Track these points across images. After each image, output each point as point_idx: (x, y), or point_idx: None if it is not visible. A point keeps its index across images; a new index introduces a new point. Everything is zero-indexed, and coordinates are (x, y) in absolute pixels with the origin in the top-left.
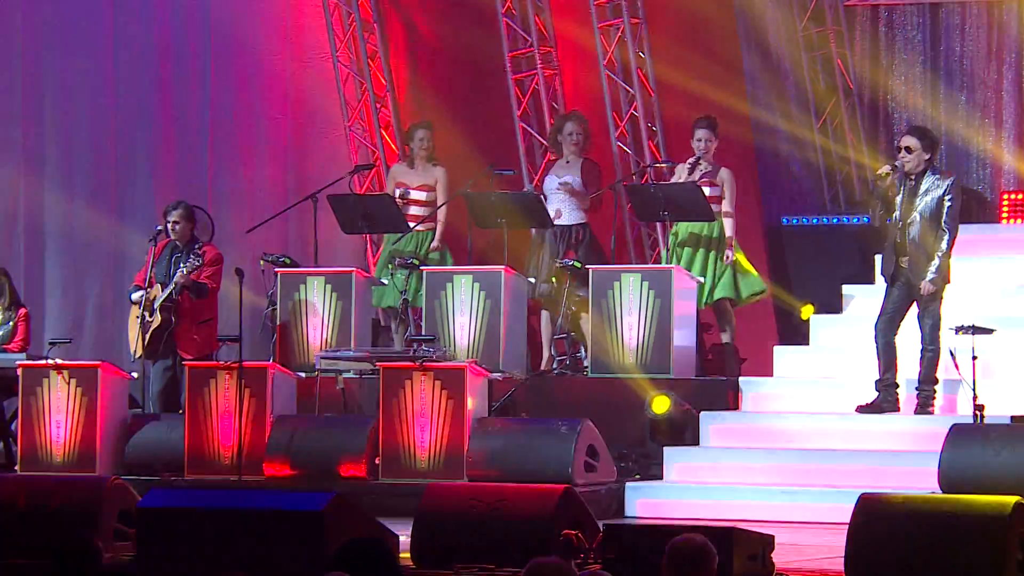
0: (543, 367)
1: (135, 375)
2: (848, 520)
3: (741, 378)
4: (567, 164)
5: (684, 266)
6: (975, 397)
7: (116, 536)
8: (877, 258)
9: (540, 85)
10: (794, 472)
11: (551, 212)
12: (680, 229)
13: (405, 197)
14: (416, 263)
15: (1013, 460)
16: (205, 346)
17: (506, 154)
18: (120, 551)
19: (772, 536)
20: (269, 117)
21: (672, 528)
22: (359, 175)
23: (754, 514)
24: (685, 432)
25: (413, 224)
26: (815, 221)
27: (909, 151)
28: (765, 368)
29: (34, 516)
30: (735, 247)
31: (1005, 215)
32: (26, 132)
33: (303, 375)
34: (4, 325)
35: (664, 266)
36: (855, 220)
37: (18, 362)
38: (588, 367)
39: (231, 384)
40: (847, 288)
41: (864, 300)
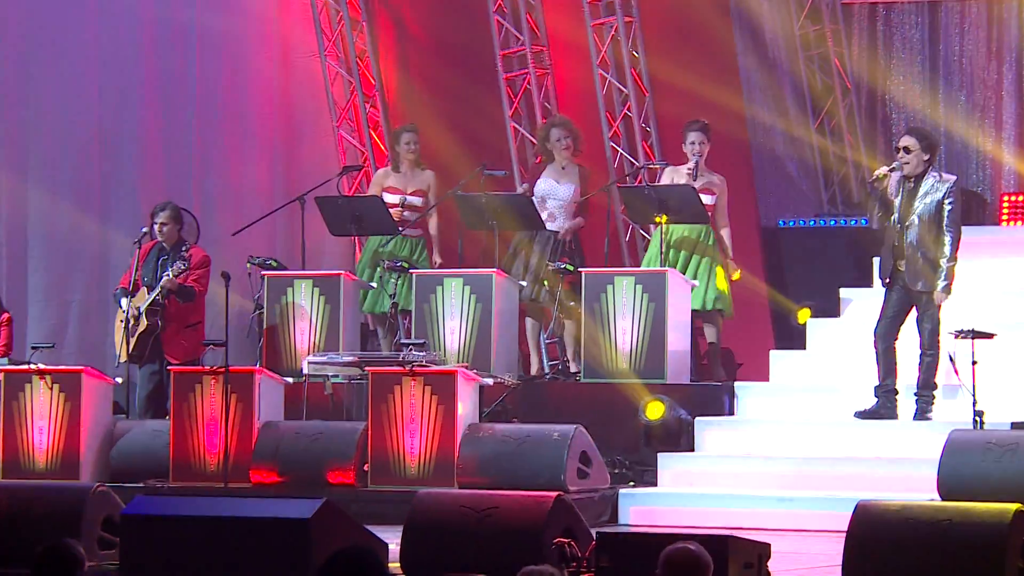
0: (534, 372)
1: (119, 380)
2: (846, 528)
3: (737, 383)
4: (563, 170)
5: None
6: (975, 403)
7: (100, 544)
8: (875, 261)
9: (532, 84)
10: (791, 479)
11: (544, 216)
12: (672, 231)
13: (404, 204)
14: (406, 267)
15: (1013, 467)
16: (192, 350)
17: (497, 155)
18: (104, 559)
19: (768, 544)
20: (256, 117)
21: (666, 536)
22: (347, 176)
23: (750, 522)
24: (680, 438)
25: (402, 228)
26: (812, 223)
27: (908, 152)
28: (761, 373)
29: (16, 524)
30: (724, 261)
31: (1005, 217)
32: (8, 132)
33: (291, 380)
34: None
35: (658, 269)
36: (853, 222)
37: (0, 367)
38: (579, 372)
39: (217, 389)
40: (845, 292)
41: (862, 304)
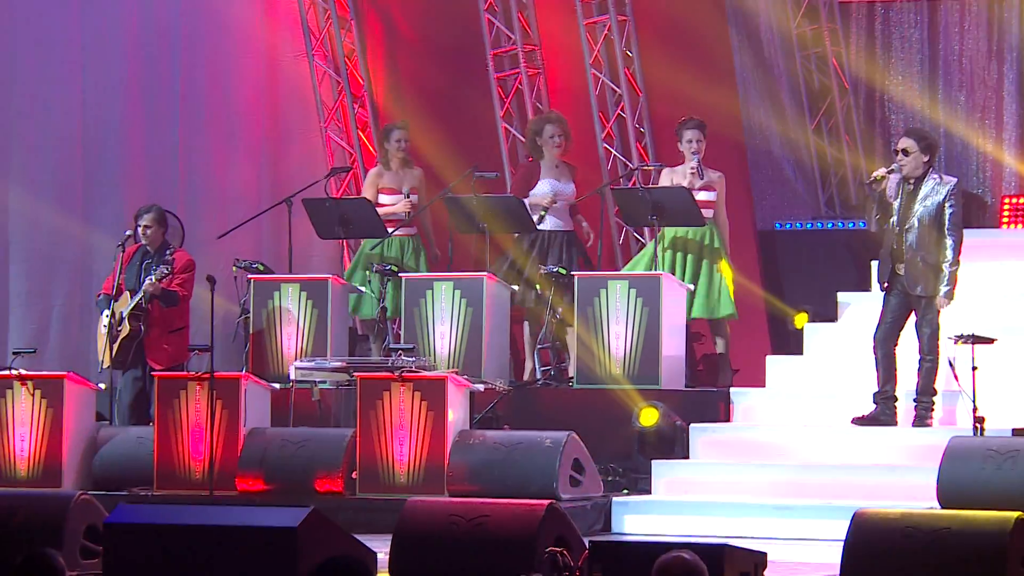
0: (526, 378)
1: (102, 386)
2: (843, 537)
3: (732, 389)
4: (556, 169)
5: (674, 273)
6: (975, 409)
7: (83, 554)
8: (874, 264)
9: (524, 84)
10: (787, 487)
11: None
12: (668, 234)
13: (410, 203)
14: (395, 270)
15: (1014, 475)
16: (176, 356)
17: (488, 156)
18: (87, 569)
19: (765, 553)
20: (242, 118)
21: (661, 545)
22: (336, 178)
23: (746, 530)
24: (674, 445)
25: (392, 230)
26: (809, 226)
27: (906, 153)
28: (757, 379)
29: None
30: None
31: (1006, 220)
32: None
33: (277, 386)
34: None
35: (652, 273)
36: (851, 225)
37: None
38: (574, 378)
39: (202, 395)
40: (843, 296)
41: (860, 308)
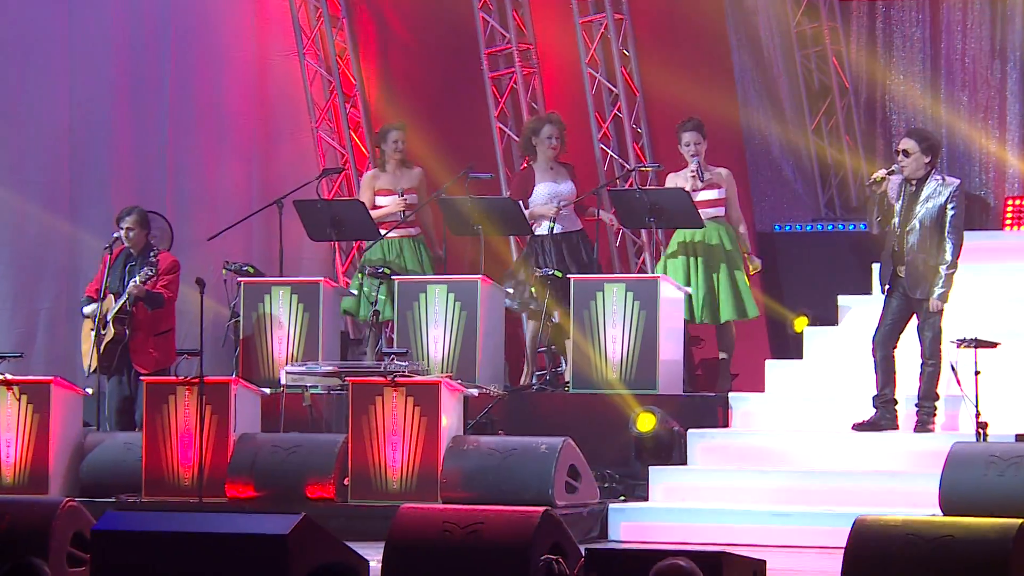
0: (522, 382)
1: (89, 391)
2: (844, 544)
3: (731, 394)
4: (551, 171)
5: (683, 278)
6: (978, 414)
7: (70, 561)
8: (875, 267)
9: (518, 84)
10: (787, 493)
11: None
12: (678, 236)
13: (406, 203)
14: (388, 272)
15: (1017, 481)
16: (163, 360)
17: (482, 157)
18: None
19: (764, 561)
20: (232, 118)
21: (658, 552)
22: (327, 179)
23: (744, 537)
24: (672, 451)
25: (386, 231)
26: (809, 228)
27: (907, 155)
28: (756, 383)
29: None
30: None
31: (1009, 222)
32: None
33: (268, 391)
34: None
35: (650, 275)
36: (852, 227)
37: None
38: (569, 382)
39: (191, 400)
40: (843, 299)
41: (861, 312)
